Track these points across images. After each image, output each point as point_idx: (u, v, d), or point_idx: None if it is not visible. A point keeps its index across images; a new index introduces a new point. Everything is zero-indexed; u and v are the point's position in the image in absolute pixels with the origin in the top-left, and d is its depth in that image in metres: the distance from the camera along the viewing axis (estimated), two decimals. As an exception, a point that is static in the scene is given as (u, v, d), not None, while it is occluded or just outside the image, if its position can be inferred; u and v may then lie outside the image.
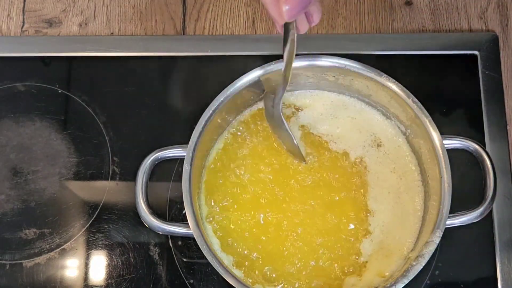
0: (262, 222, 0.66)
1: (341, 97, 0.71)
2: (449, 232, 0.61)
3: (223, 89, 0.65)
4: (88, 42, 0.80)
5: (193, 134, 0.64)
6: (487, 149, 0.73)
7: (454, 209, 0.61)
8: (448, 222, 0.60)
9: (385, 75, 0.65)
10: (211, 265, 0.60)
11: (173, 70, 0.79)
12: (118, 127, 0.77)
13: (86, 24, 0.82)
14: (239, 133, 0.70)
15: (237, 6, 0.82)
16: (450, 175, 0.61)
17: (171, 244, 0.72)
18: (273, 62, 0.66)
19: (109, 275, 0.72)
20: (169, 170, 0.73)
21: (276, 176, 0.68)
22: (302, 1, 0.53)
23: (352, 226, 0.66)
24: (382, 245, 0.65)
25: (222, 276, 0.59)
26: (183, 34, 0.81)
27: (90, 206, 0.74)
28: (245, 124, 0.70)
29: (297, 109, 0.71)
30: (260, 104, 0.71)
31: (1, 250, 0.72)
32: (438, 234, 0.60)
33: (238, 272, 0.65)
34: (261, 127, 0.70)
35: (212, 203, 0.67)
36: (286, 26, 0.58)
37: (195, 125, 0.64)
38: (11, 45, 0.81)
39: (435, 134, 0.62)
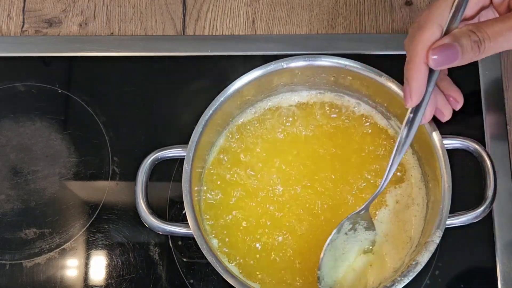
0: (263, 222, 0.66)
1: (342, 97, 0.71)
2: (449, 232, 0.61)
3: (223, 89, 0.65)
4: (88, 42, 0.80)
5: (193, 134, 0.64)
6: (487, 149, 0.73)
7: (454, 209, 0.61)
8: (448, 222, 0.60)
9: (385, 75, 0.65)
10: (211, 265, 0.60)
11: (173, 70, 0.79)
12: (118, 127, 0.77)
13: (86, 24, 0.82)
14: (239, 133, 0.70)
15: (237, 6, 0.82)
16: (450, 175, 0.61)
17: (171, 244, 0.72)
18: (273, 62, 0.66)
19: (109, 275, 0.72)
20: (169, 170, 0.73)
21: (278, 176, 0.68)
22: (450, 54, 0.52)
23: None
24: (382, 244, 0.65)
25: (222, 276, 0.59)
26: (183, 34, 0.81)
27: (90, 206, 0.74)
28: (245, 124, 0.70)
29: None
30: (260, 104, 0.71)
31: (1, 250, 0.72)
32: (438, 234, 0.60)
33: (238, 272, 0.65)
34: (261, 127, 0.70)
35: (213, 204, 0.67)
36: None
37: (195, 125, 0.64)
38: (11, 45, 0.81)
39: (435, 134, 0.62)
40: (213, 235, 0.66)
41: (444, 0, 0.55)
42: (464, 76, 0.76)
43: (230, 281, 0.59)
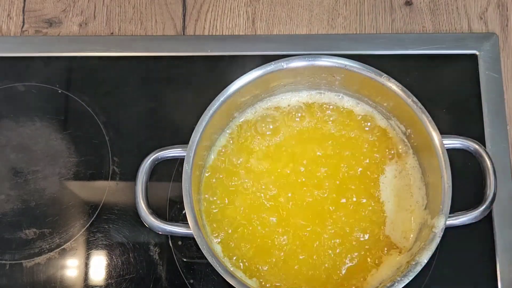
0: (263, 221, 0.66)
1: (341, 97, 0.71)
2: (449, 232, 0.61)
3: (223, 89, 0.65)
4: (88, 42, 0.80)
5: (193, 134, 0.64)
6: (487, 149, 0.73)
7: (454, 209, 0.61)
8: (448, 222, 0.60)
9: (385, 75, 0.65)
10: (211, 265, 0.60)
11: (173, 70, 0.79)
12: (118, 127, 0.77)
13: (86, 24, 0.82)
14: (239, 133, 0.70)
15: (237, 6, 0.82)
16: (450, 175, 0.61)
17: (171, 244, 0.72)
18: (273, 62, 0.66)
19: (109, 275, 0.72)
20: (169, 170, 0.73)
21: (278, 176, 0.68)
22: None
23: (365, 235, 0.66)
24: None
25: (222, 276, 0.59)
26: (183, 34, 0.81)
27: (90, 206, 0.74)
28: (245, 124, 0.70)
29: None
30: (260, 104, 0.71)
31: (1, 250, 0.72)
32: (439, 234, 0.60)
33: (238, 272, 0.65)
34: (261, 127, 0.70)
35: (212, 203, 0.67)
36: None
37: (195, 125, 0.64)
38: (11, 45, 0.81)
39: (435, 134, 0.62)
40: (214, 235, 0.66)
41: None
42: (464, 76, 0.77)
43: (230, 281, 0.59)
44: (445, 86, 0.77)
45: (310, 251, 0.65)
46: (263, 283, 0.65)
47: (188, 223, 0.61)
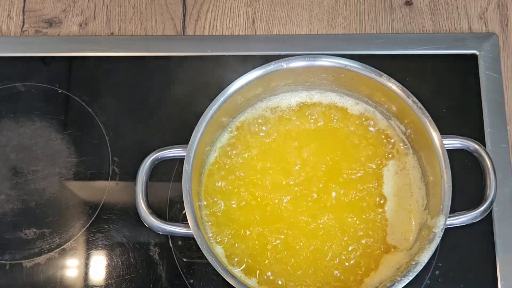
0: (263, 220, 0.66)
1: (341, 97, 0.71)
2: (449, 232, 0.61)
3: (223, 89, 0.65)
4: (88, 42, 0.80)
5: (193, 134, 0.64)
6: (487, 149, 0.73)
7: (454, 209, 0.61)
8: (448, 222, 0.60)
9: (385, 75, 0.65)
10: (211, 265, 0.60)
11: (173, 70, 0.79)
12: (118, 127, 0.77)
13: (86, 24, 0.82)
14: (239, 133, 0.70)
15: (237, 6, 0.82)
16: (450, 175, 0.61)
17: (171, 244, 0.72)
18: (273, 62, 0.66)
19: (109, 275, 0.72)
20: (169, 170, 0.73)
21: (278, 176, 0.68)
22: None
23: (365, 235, 0.66)
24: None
25: (222, 276, 0.59)
26: (183, 34, 0.81)
27: (90, 206, 0.74)
28: (245, 124, 0.70)
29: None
30: (260, 104, 0.71)
31: (1, 250, 0.72)
32: (439, 235, 0.60)
33: (238, 272, 0.65)
34: (261, 127, 0.70)
35: (212, 203, 0.67)
36: None
37: (195, 125, 0.64)
38: (11, 45, 0.81)
39: (435, 134, 0.62)
40: (214, 235, 0.66)
41: None
42: (464, 76, 0.77)
43: (230, 281, 0.59)
44: (445, 86, 0.77)
45: (310, 250, 0.65)
46: (262, 282, 0.65)
47: (188, 223, 0.61)
